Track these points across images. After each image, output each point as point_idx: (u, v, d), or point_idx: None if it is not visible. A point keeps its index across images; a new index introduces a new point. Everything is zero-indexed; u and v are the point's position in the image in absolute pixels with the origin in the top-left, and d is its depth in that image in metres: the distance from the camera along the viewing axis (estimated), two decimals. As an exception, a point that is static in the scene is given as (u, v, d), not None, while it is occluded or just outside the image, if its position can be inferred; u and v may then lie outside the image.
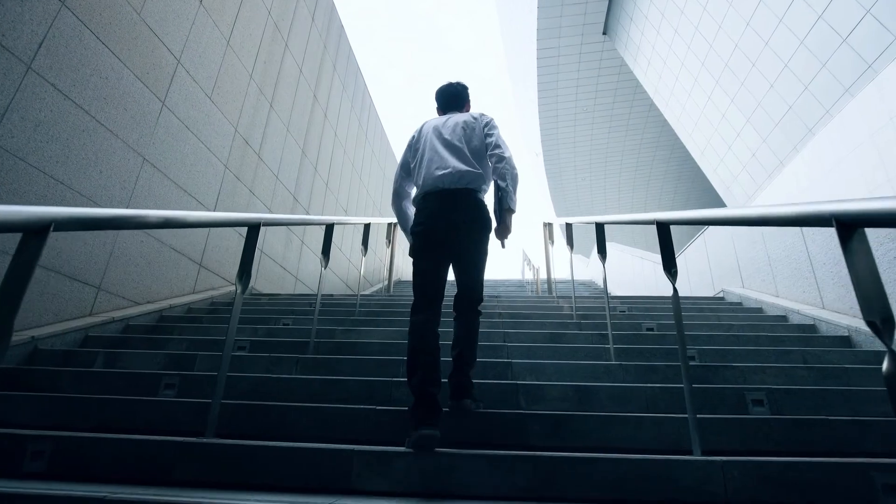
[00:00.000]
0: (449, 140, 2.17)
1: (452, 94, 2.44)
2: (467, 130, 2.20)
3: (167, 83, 4.08)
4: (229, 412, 1.98)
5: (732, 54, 13.38)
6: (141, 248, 3.79)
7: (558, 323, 3.51)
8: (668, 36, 15.80)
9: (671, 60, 16.15)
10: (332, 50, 7.66)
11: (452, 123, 2.24)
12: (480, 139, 2.18)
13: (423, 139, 2.24)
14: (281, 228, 5.96)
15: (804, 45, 11.13)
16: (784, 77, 11.94)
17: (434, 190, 2.07)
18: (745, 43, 12.77)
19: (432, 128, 2.26)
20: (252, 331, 3.32)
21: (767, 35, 12.07)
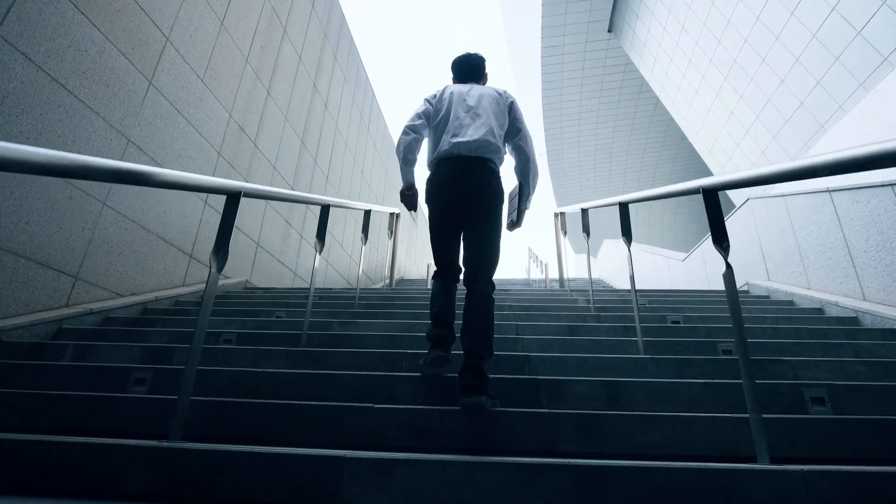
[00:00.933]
0: (473, 107, 2.14)
1: (471, 64, 2.40)
2: (492, 103, 2.17)
3: (155, 61, 3.80)
4: (203, 411, 1.68)
5: (741, 50, 13.09)
6: (125, 236, 3.50)
7: (575, 315, 3.21)
8: (674, 32, 15.52)
9: (678, 57, 15.85)
10: (333, 40, 7.39)
11: (477, 94, 2.20)
12: (504, 115, 2.17)
13: (446, 101, 2.20)
14: (279, 222, 5.68)
15: (816, 38, 10.82)
16: (795, 72, 11.63)
17: (449, 156, 2.05)
18: (755, 38, 12.47)
19: (455, 93, 2.22)
20: (241, 323, 3.03)
21: (778, 29, 11.77)
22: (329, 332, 2.69)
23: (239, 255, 4.90)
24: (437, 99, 2.24)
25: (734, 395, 1.83)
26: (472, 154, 2.03)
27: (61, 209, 3.04)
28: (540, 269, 7.58)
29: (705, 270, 5.46)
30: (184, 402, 1.51)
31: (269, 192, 2.10)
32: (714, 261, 5.24)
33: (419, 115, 2.21)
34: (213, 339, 2.70)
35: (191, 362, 1.56)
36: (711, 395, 1.84)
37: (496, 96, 2.21)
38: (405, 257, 11.44)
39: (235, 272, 4.82)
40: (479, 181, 2.01)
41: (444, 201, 2.04)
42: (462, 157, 2.03)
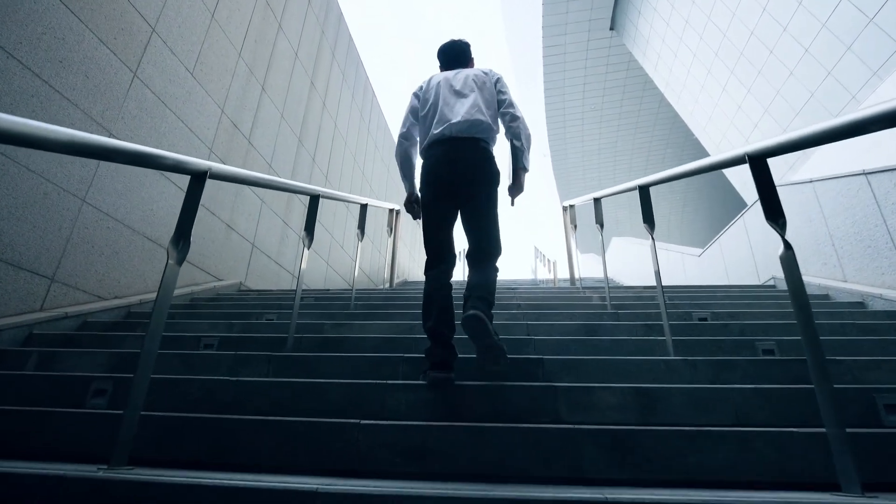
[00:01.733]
0: (460, 90, 2.11)
1: (457, 50, 2.36)
2: (478, 83, 2.14)
3: (139, 52, 3.56)
4: (162, 429, 1.40)
5: (748, 42, 12.74)
6: (107, 236, 3.25)
7: (591, 314, 2.91)
8: (678, 27, 15.19)
9: (682, 52, 15.52)
10: (331, 37, 7.16)
11: (463, 77, 2.17)
12: (491, 93, 2.13)
13: (432, 89, 2.17)
14: (276, 222, 5.42)
15: (826, 27, 10.47)
16: (805, 63, 11.27)
17: (441, 138, 1.99)
18: (762, 30, 12.13)
19: (442, 79, 2.19)
20: (227, 326, 2.76)
21: (786, 20, 11.43)
22: (319, 335, 2.41)
23: (233, 257, 4.64)
24: (424, 89, 2.21)
25: (791, 402, 1.52)
26: (462, 135, 1.98)
27: (35, 206, 2.79)
28: (548, 268, 7.24)
29: (724, 265, 5.13)
30: (131, 419, 1.24)
31: (241, 175, 1.83)
32: (733, 257, 4.92)
33: (408, 114, 2.21)
34: (193, 343, 2.43)
35: (139, 371, 1.28)
36: (762, 402, 1.54)
37: (482, 76, 2.18)
38: (408, 259, 11.16)
39: (229, 274, 4.56)
40: (471, 160, 1.96)
41: (436, 182, 1.97)
42: (453, 138, 1.98)
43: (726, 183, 19.99)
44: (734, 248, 4.93)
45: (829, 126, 1.22)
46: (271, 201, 5.32)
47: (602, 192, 3.18)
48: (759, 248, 4.50)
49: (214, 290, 4.15)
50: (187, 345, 2.43)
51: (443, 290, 1.85)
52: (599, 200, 3.26)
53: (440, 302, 1.81)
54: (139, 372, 1.28)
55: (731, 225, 4.95)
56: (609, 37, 17.45)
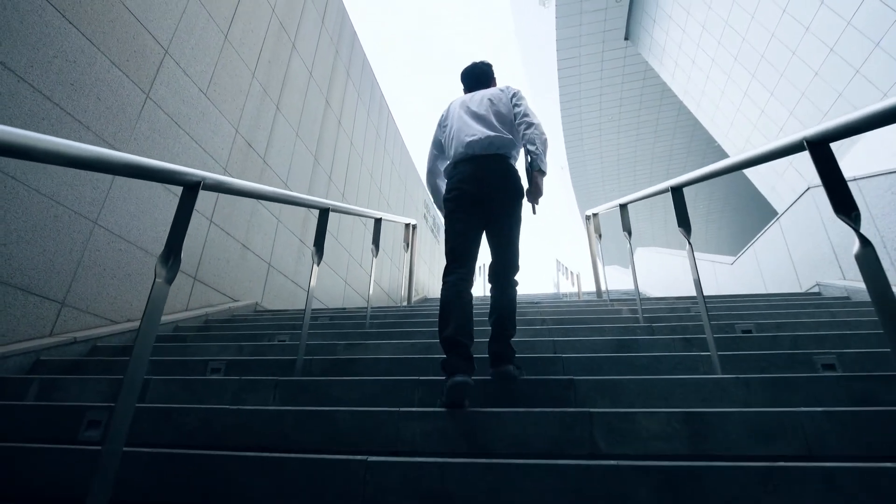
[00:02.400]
0: (476, 111, 2.16)
1: (478, 73, 2.42)
2: (494, 101, 2.19)
3: (152, 74, 3.56)
4: (148, 466, 1.25)
5: (769, 45, 12.42)
6: (119, 258, 3.19)
7: (622, 328, 2.68)
8: (695, 34, 14.96)
9: (700, 59, 15.24)
10: (345, 56, 7.19)
11: (479, 97, 2.24)
12: (508, 108, 2.17)
13: (452, 115, 2.24)
14: (292, 241, 5.35)
15: (851, 25, 10.11)
16: (830, 63, 10.89)
17: (464, 157, 2.05)
18: (783, 31, 11.81)
19: (459, 103, 2.26)
20: (237, 349, 2.63)
21: (808, 20, 11.10)
22: (331, 357, 2.25)
23: (249, 277, 4.56)
24: (445, 116, 2.29)
25: (872, 429, 1.28)
26: (484, 152, 2.03)
27: (45, 229, 2.74)
28: (571, 281, 6.96)
29: (760, 272, 4.81)
30: (111, 457, 1.09)
31: (239, 186, 1.70)
32: (769, 264, 4.60)
33: (431, 149, 2.34)
34: (201, 368, 2.30)
35: (122, 404, 1.14)
36: (838, 429, 1.30)
37: (498, 93, 2.23)
38: (427, 275, 11.01)
39: (245, 294, 4.47)
40: (494, 176, 2.01)
41: (461, 197, 2.00)
42: (476, 156, 2.04)
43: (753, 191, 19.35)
44: (770, 255, 4.61)
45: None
46: (287, 220, 5.26)
47: (629, 198, 2.97)
48: (798, 253, 4.18)
49: (230, 311, 4.05)
50: (195, 369, 2.31)
51: (462, 297, 1.80)
52: (626, 207, 3.06)
53: (460, 310, 1.75)
54: (120, 403, 1.14)
55: (766, 230, 4.65)
56: (624, 47, 17.30)
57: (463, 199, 1.98)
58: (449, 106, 2.32)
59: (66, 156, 1.09)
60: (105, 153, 1.20)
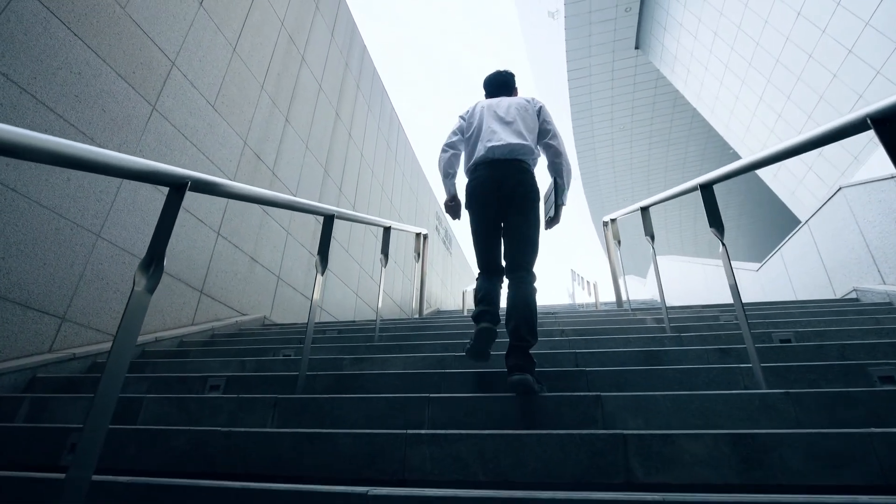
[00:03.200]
0: (503, 117, 2.22)
1: (501, 81, 2.49)
2: (521, 110, 2.25)
3: (159, 86, 3.52)
4: (117, 499, 1.11)
5: (784, 49, 12.20)
6: (123, 272, 3.11)
7: (648, 339, 2.48)
8: (707, 40, 14.80)
9: (713, 65, 15.04)
10: (355, 69, 7.17)
11: (506, 104, 2.30)
12: (533, 119, 2.24)
13: (477, 114, 2.31)
14: (302, 253, 5.25)
15: (870, 26, 9.87)
16: (849, 64, 10.62)
17: (485, 160, 2.14)
18: (798, 34, 11.58)
19: (486, 105, 2.32)
20: (239, 365, 2.49)
21: (824, 22, 10.88)
22: (336, 373, 2.10)
23: (258, 290, 4.46)
24: (470, 114, 2.36)
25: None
26: (505, 157, 2.11)
27: (46, 242, 2.67)
28: (588, 291, 6.72)
29: (788, 279, 4.55)
30: (77, 484, 0.95)
31: (230, 188, 1.57)
32: (798, 269, 4.34)
33: (454, 132, 2.35)
34: (200, 385, 2.17)
35: (91, 427, 1.00)
36: (919, 454, 1.10)
37: (524, 104, 2.29)
38: (440, 287, 10.84)
39: (254, 308, 4.36)
40: (513, 179, 2.07)
41: (481, 201, 2.10)
42: (497, 160, 2.11)
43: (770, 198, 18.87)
44: (799, 260, 4.36)
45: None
46: (297, 232, 5.17)
47: (650, 200, 2.79)
48: (831, 258, 3.92)
49: (237, 326, 3.94)
50: (194, 386, 2.18)
51: (494, 283, 2.07)
52: (647, 210, 2.88)
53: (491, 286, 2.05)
54: (89, 425, 1.00)
55: (794, 234, 4.40)
56: (634, 56, 17.19)
57: (484, 205, 2.10)
58: (475, 105, 2.39)
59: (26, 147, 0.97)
60: (78, 148, 1.09)
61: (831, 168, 12.26)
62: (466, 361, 2.27)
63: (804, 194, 13.77)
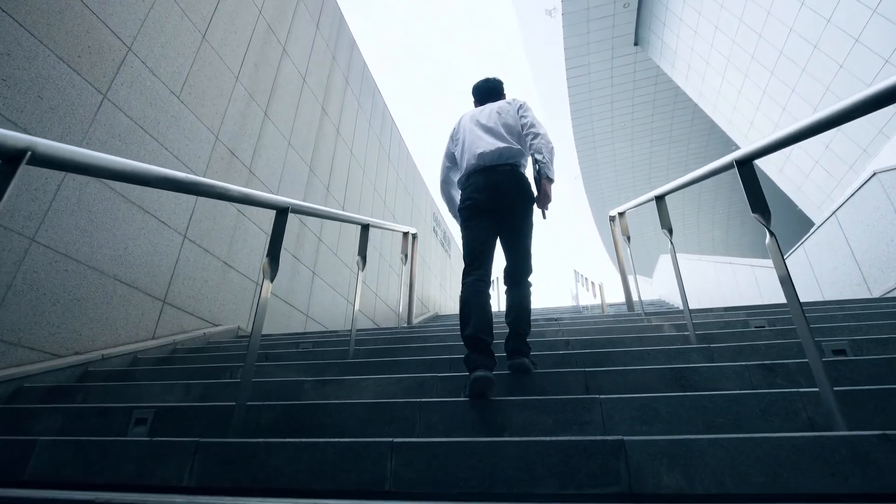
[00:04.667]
0: (486, 124, 2.22)
1: (490, 88, 2.48)
2: (502, 113, 2.25)
3: (111, 73, 3.11)
4: None
5: (787, 40, 11.78)
6: (64, 281, 2.69)
7: (671, 352, 2.04)
8: (707, 34, 14.38)
9: (714, 59, 14.63)
10: (343, 63, 6.77)
11: (488, 110, 2.30)
12: (515, 119, 2.23)
13: (462, 128, 2.30)
14: (285, 258, 4.83)
15: (878, 13, 9.45)
16: (856, 54, 10.19)
17: (476, 168, 2.12)
18: (802, 25, 11.17)
19: (469, 117, 2.33)
20: (182, 390, 2.06)
21: (828, 12, 10.46)
22: (290, 403, 1.67)
23: (232, 298, 4.04)
24: (456, 129, 2.36)
25: None
26: (495, 162, 2.10)
27: (-36, 249, 2.26)
28: (593, 293, 6.26)
29: (813, 276, 4.10)
30: None
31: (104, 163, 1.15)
32: (824, 265, 3.89)
33: (445, 157, 2.40)
34: (122, 419, 1.74)
35: None
36: None
37: (506, 106, 2.29)
38: (439, 291, 10.41)
39: (227, 318, 3.94)
40: (506, 184, 2.06)
41: (475, 206, 2.07)
42: (488, 166, 2.10)
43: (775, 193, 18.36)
44: (826, 256, 3.92)
45: None
46: (278, 235, 4.75)
47: (668, 187, 2.37)
48: (865, 252, 3.46)
49: (205, 338, 3.52)
50: (115, 420, 1.75)
51: (481, 296, 1.87)
52: (663, 199, 2.45)
53: (479, 309, 1.82)
54: None
55: (820, 227, 3.96)
56: (634, 52, 16.78)
57: (477, 209, 2.05)
58: (460, 119, 2.39)
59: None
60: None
61: (839, 162, 11.82)
62: (451, 384, 1.84)
63: (811, 189, 13.31)
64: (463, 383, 1.84)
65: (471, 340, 1.72)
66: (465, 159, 2.17)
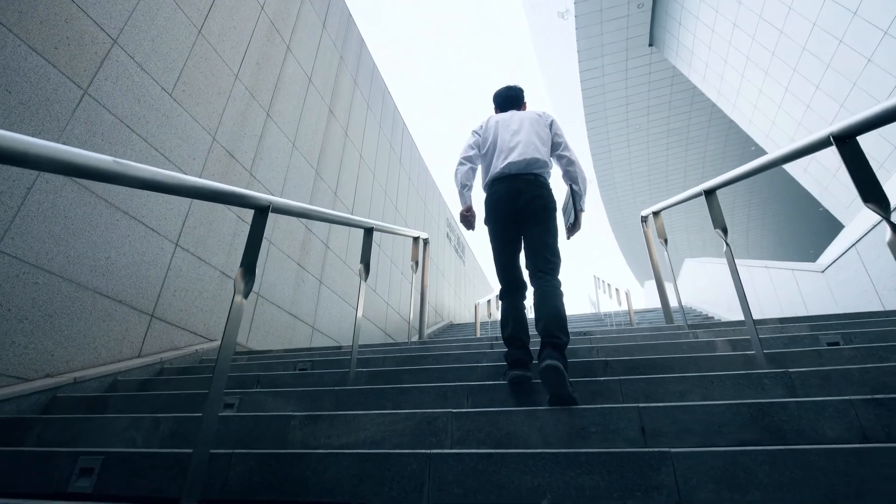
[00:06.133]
0: (516, 131, 2.26)
1: (511, 96, 2.53)
2: (533, 125, 2.28)
3: (94, 67, 2.83)
4: None
5: (810, 35, 11.26)
6: (34, 295, 2.38)
7: (741, 379, 1.63)
8: (725, 32, 13.89)
9: (733, 58, 14.11)
10: (352, 63, 6.48)
11: (518, 119, 2.33)
12: (546, 133, 2.28)
13: (491, 129, 2.35)
14: (289, 266, 4.51)
15: (909, 4, 8.89)
16: (885, 46, 9.64)
17: (502, 175, 2.17)
18: (825, 19, 10.66)
19: (499, 121, 2.36)
20: (151, 425, 1.72)
21: (854, 4, 9.94)
22: (263, 453, 1.31)
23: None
24: (484, 129, 2.37)
25: None
26: (521, 171, 2.14)
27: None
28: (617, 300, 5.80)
29: (870, 282, 3.62)
30: None
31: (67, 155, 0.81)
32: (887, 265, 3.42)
33: (470, 146, 2.36)
34: (65, 468, 1.40)
35: None
36: None
37: (536, 118, 2.32)
38: (453, 299, 10.02)
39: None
40: (530, 192, 2.09)
41: (500, 215, 2.12)
42: (513, 174, 2.14)
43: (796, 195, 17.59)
44: (887, 257, 3.45)
45: None
46: (282, 241, 4.44)
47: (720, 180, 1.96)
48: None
49: (197, 356, 3.19)
50: (57, 469, 1.41)
51: (518, 311, 2.01)
52: (714, 193, 2.05)
53: (516, 318, 1.97)
54: None
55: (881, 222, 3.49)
56: (649, 53, 16.31)
57: (503, 218, 2.11)
58: (488, 120, 2.42)
59: None
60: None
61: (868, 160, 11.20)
62: (470, 423, 1.47)
63: (838, 189, 12.67)
64: (483, 419, 1.48)
65: (510, 339, 1.91)
66: (493, 164, 2.21)
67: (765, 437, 1.32)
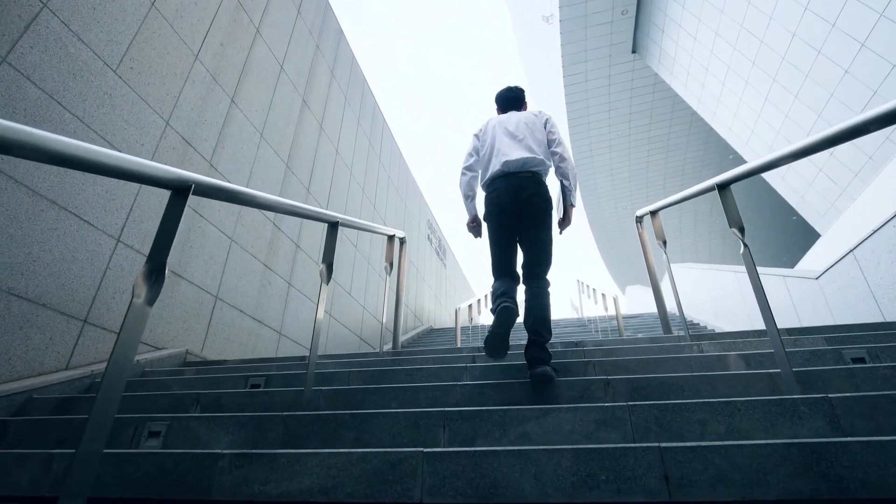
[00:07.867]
0: (513, 132, 2.32)
1: (512, 97, 2.59)
2: (529, 125, 2.36)
3: (16, 32, 2.41)
4: None
5: (790, 46, 11.37)
6: (-74, 296, 1.96)
7: (772, 406, 1.34)
8: (707, 40, 13.99)
9: (714, 66, 14.21)
10: (329, 53, 6.11)
11: (515, 119, 2.40)
12: (542, 132, 2.34)
13: (489, 132, 2.41)
14: (254, 266, 4.11)
15: (885, 17, 9.02)
16: (862, 59, 9.76)
17: (500, 174, 2.24)
18: (805, 30, 10.75)
19: (497, 122, 2.43)
20: (43, 463, 1.34)
21: (833, 16, 10.04)
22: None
23: (181, 316, 3.30)
24: (483, 132, 2.46)
25: None
26: (519, 170, 2.21)
27: None
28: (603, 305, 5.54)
29: (869, 290, 3.44)
30: None
31: None
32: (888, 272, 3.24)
33: (470, 153, 2.48)
34: None
35: None
36: None
37: (533, 118, 2.40)
38: (434, 303, 9.68)
39: (174, 339, 3.20)
40: (527, 190, 2.15)
41: (498, 212, 2.18)
42: (511, 173, 2.21)
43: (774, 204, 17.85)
44: (886, 263, 3.27)
45: None
46: (245, 239, 4.04)
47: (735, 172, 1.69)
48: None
49: (139, 368, 2.78)
50: None
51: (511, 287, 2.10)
52: (728, 188, 1.78)
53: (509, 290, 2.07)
54: None
55: (880, 229, 3.32)
56: (632, 60, 16.35)
57: (501, 214, 2.18)
58: (487, 122, 2.49)
59: None
60: None
61: (844, 169, 11.32)
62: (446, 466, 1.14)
63: (814, 198, 12.83)
64: (463, 461, 1.15)
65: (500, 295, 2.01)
66: (492, 163, 2.28)
67: (821, 488, 1.03)
